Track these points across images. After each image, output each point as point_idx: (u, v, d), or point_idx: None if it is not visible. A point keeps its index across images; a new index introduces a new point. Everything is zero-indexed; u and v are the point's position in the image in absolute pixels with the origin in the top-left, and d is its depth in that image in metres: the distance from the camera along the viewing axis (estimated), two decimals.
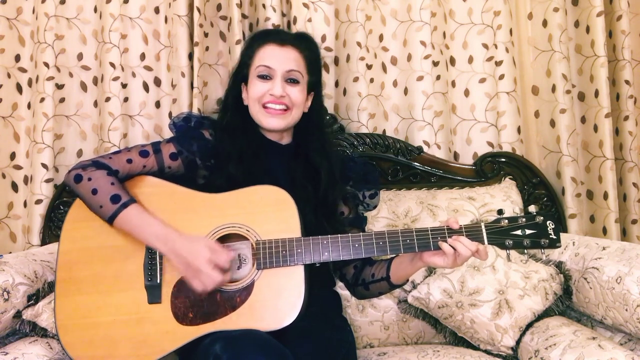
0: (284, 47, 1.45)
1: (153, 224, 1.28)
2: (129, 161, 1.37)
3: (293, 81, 1.44)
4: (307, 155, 1.48)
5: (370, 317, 1.75)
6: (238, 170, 1.37)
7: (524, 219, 1.26)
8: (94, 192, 1.30)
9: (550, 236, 1.25)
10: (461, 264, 1.26)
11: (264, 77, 1.43)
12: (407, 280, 1.42)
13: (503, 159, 2.05)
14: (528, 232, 1.25)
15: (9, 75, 2.01)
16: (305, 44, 1.49)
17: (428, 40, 2.06)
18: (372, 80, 2.10)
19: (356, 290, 1.50)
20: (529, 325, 1.61)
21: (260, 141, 1.47)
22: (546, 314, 1.63)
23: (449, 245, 1.24)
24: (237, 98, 1.50)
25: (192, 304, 1.28)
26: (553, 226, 1.26)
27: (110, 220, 1.29)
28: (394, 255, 1.40)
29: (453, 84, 2.13)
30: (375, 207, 1.57)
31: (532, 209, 1.27)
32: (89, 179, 1.31)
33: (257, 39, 1.49)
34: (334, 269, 1.55)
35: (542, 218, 1.26)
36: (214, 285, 1.24)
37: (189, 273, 1.25)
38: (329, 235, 1.29)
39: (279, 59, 1.43)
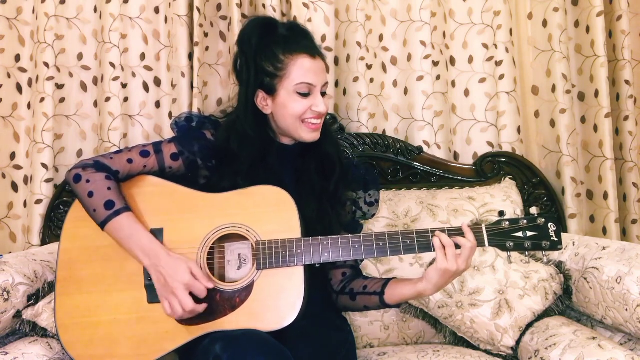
0: (315, 60, 1.40)
1: (141, 236, 1.28)
2: (130, 161, 1.37)
3: (324, 93, 1.43)
4: (320, 150, 1.46)
5: (370, 317, 1.75)
6: (246, 182, 1.36)
7: (525, 221, 1.25)
8: (90, 194, 1.30)
9: (552, 238, 1.24)
10: (452, 263, 1.23)
11: (305, 95, 1.38)
12: (401, 304, 1.39)
13: (503, 159, 2.05)
14: (529, 234, 1.25)
15: (9, 75, 2.01)
16: (323, 53, 1.47)
17: (428, 40, 2.06)
18: (372, 80, 2.10)
19: (340, 298, 1.47)
20: (529, 325, 1.60)
21: (271, 146, 1.45)
22: (546, 314, 1.63)
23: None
24: (254, 105, 1.42)
25: None
26: (555, 228, 1.25)
27: (102, 225, 1.29)
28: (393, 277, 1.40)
29: (453, 84, 2.13)
30: (373, 215, 1.55)
31: (534, 210, 1.27)
32: (87, 181, 1.31)
33: (283, 46, 1.38)
34: None
35: (543, 220, 1.25)
36: (182, 313, 1.22)
37: (164, 292, 1.25)
38: (329, 236, 1.29)
39: (316, 73, 1.39)
